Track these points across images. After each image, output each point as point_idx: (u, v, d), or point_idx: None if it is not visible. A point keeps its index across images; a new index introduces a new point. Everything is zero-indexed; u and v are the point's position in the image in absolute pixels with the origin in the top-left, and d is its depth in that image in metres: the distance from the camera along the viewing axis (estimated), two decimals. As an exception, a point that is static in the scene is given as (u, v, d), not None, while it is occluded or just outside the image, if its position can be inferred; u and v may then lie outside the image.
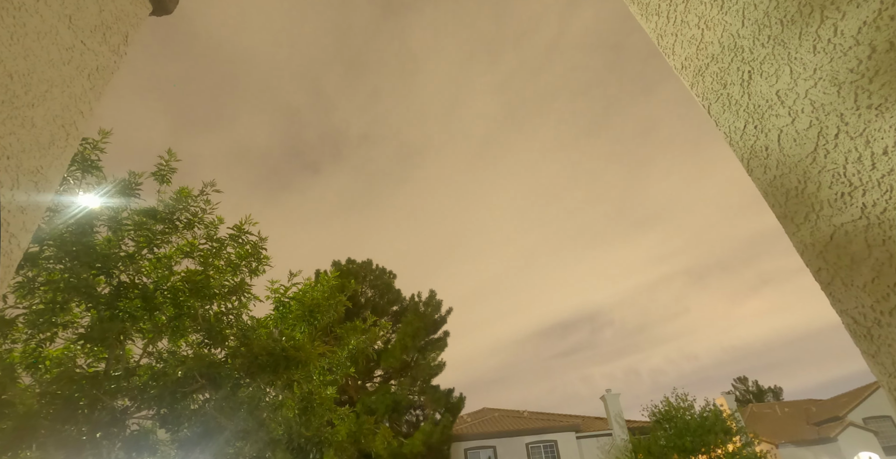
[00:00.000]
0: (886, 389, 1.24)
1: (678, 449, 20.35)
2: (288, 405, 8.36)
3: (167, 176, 7.63)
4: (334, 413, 9.59)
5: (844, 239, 1.30)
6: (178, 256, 7.85)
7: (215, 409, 7.34)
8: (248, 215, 8.17)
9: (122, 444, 6.80)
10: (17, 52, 1.73)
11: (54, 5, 1.92)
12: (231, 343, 7.88)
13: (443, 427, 22.21)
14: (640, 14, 2.08)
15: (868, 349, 1.27)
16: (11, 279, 2.19)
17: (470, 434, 25.81)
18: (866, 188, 1.25)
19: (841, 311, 1.34)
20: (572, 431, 26.08)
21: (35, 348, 6.99)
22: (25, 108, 1.73)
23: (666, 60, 1.96)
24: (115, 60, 2.21)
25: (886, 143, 1.20)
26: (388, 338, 24.58)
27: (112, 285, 7.17)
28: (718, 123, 1.73)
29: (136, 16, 2.38)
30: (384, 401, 21.68)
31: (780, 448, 26.22)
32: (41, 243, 6.41)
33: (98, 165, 6.85)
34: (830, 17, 1.33)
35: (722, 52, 1.69)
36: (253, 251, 8.21)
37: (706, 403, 22.02)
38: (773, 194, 1.53)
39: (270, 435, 8.10)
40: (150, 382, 7.13)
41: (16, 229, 1.66)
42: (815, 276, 1.41)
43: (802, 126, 1.42)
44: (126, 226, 7.22)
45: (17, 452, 5.89)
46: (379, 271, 26.49)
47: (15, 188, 1.65)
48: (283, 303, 9.03)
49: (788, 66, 1.46)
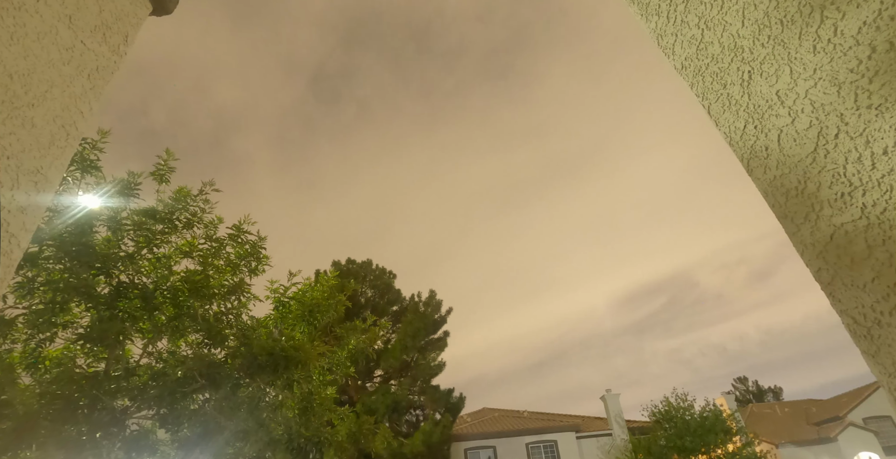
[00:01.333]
0: (886, 389, 1.24)
1: (678, 449, 20.36)
2: (288, 405, 8.36)
3: (166, 176, 7.62)
4: (334, 413, 9.59)
5: (844, 239, 1.30)
6: (178, 256, 7.85)
7: (215, 409, 7.34)
8: (246, 214, 8.18)
9: (122, 444, 6.80)
10: (17, 52, 1.73)
11: (54, 5, 1.92)
12: (231, 343, 7.88)
13: (443, 427, 22.21)
14: (640, 14, 2.08)
15: (868, 349, 1.27)
16: (11, 279, 2.19)
17: (470, 434, 25.81)
18: (866, 188, 1.25)
19: (841, 311, 1.34)
20: (572, 431, 26.08)
21: (35, 348, 6.99)
22: (25, 108, 1.73)
23: (666, 59, 1.96)
24: (115, 60, 2.21)
25: (886, 143, 1.20)
26: (388, 338, 24.58)
27: (112, 285, 7.17)
28: (718, 124, 1.73)
29: (136, 16, 2.38)
30: (384, 401, 21.68)
31: (780, 448, 26.22)
32: (41, 243, 6.40)
33: (97, 165, 6.85)
34: (830, 17, 1.33)
35: (722, 52, 1.69)
36: (252, 251, 8.21)
37: (706, 403, 22.04)
38: (773, 194, 1.53)
39: (270, 435, 8.10)
40: (150, 382, 7.13)
41: (16, 229, 1.66)
42: (815, 276, 1.41)
43: (802, 126, 1.42)
44: (125, 226, 7.22)
45: (17, 452, 5.89)
46: (379, 271, 26.49)
47: (15, 188, 1.65)
48: (283, 303, 9.03)
49: (788, 66, 1.46)
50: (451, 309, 26.66)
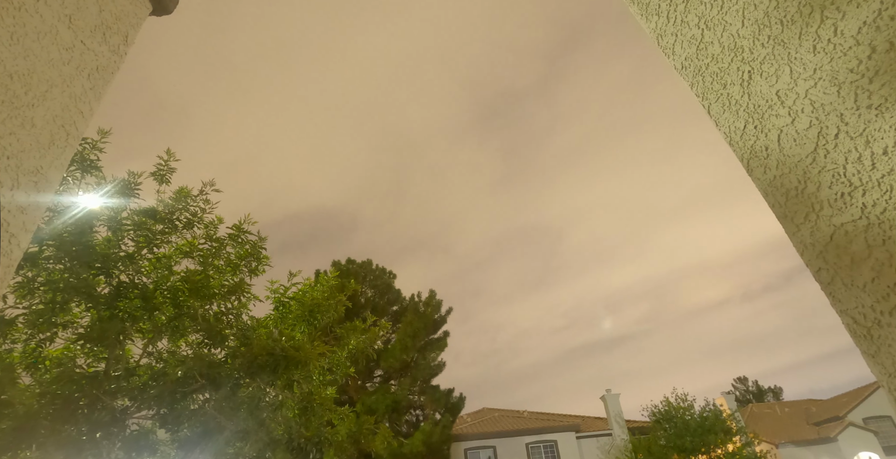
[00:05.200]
0: (886, 389, 1.24)
1: (678, 449, 20.36)
2: (288, 405, 8.36)
3: (166, 176, 7.62)
4: (334, 413, 9.58)
5: (844, 239, 1.30)
6: (178, 256, 7.85)
7: (215, 409, 7.34)
8: (247, 214, 8.18)
9: (121, 444, 6.80)
10: (17, 52, 1.73)
11: (54, 5, 1.92)
12: (231, 343, 7.88)
13: (443, 427, 22.21)
14: (640, 14, 2.08)
15: (868, 349, 1.27)
16: (11, 279, 2.19)
17: (470, 434, 25.81)
18: (866, 188, 1.25)
19: (841, 311, 1.34)
20: (572, 431, 26.08)
21: (35, 348, 6.98)
22: (25, 108, 1.73)
23: (666, 59, 1.96)
24: (115, 60, 2.21)
25: (886, 143, 1.20)
26: (388, 338, 24.57)
27: (112, 285, 7.17)
28: (718, 124, 1.73)
29: (136, 16, 2.38)
30: (384, 401, 21.68)
31: (780, 448, 26.22)
32: (41, 243, 6.40)
33: (97, 165, 6.85)
34: (830, 17, 1.33)
35: (722, 52, 1.69)
36: (252, 251, 8.22)
37: (706, 403, 22.05)
38: (773, 194, 1.53)
39: (270, 435, 8.10)
40: (150, 382, 7.13)
41: (16, 229, 1.66)
42: (815, 276, 1.41)
43: (802, 126, 1.42)
44: (126, 226, 7.22)
45: (17, 452, 5.89)
46: (379, 271, 26.50)
47: (15, 188, 1.65)
48: (283, 303, 9.03)
49: (788, 66, 1.46)
50: (451, 309, 26.71)
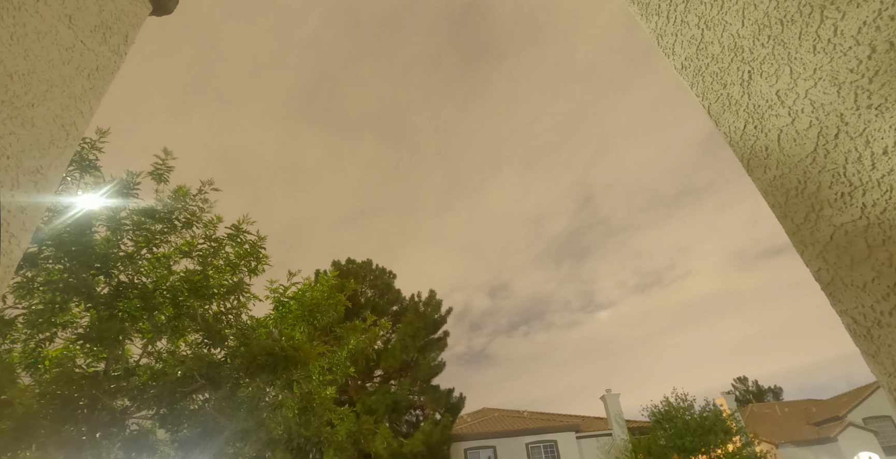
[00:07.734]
0: (886, 389, 1.24)
1: (678, 449, 20.36)
2: (287, 405, 8.36)
3: (164, 175, 7.62)
4: (334, 413, 9.58)
5: (844, 239, 1.30)
6: (177, 255, 7.85)
7: (215, 409, 7.34)
8: (245, 214, 8.18)
9: (121, 444, 6.80)
10: (17, 52, 1.73)
11: (54, 5, 1.92)
12: (230, 343, 7.88)
13: (443, 427, 22.21)
14: (640, 14, 2.08)
15: (868, 349, 1.27)
16: (11, 279, 2.19)
17: (470, 434, 25.81)
18: (866, 188, 1.25)
19: (841, 311, 1.34)
20: (572, 431, 26.08)
21: (34, 348, 6.99)
22: (25, 108, 1.73)
23: (666, 59, 1.96)
24: (115, 60, 2.21)
25: (886, 143, 1.20)
26: (388, 338, 24.58)
27: (111, 285, 7.16)
28: (718, 124, 1.73)
29: (136, 16, 2.38)
30: (384, 401, 21.67)
31: (780, 448, 26.23)
32: (41, 243, 6.40)
33: (96, 165, 6.84)
34: (830, 17, 1.33)
35: (722, 52, 1.69)
36: (252, 251, 8.21)
37: (706, 403, 22.05)
38: (773, 194, 1.53)
39: (270, 435, 8.10)
40: (150, 382, 7.13)
41: (16, 229, 1.66)
42: (815, 276, 1.41)
43: (802, 126, 1.42)
44: (125, 226, 7.22)
45: (16, 452, 5.89)
46: (379, 271, 26.49)
47: (15, 188, 1.65)
48: (283, 303, 9.03)
49: (788, 66, 1.46)
50: (450, 309, 26.72)
